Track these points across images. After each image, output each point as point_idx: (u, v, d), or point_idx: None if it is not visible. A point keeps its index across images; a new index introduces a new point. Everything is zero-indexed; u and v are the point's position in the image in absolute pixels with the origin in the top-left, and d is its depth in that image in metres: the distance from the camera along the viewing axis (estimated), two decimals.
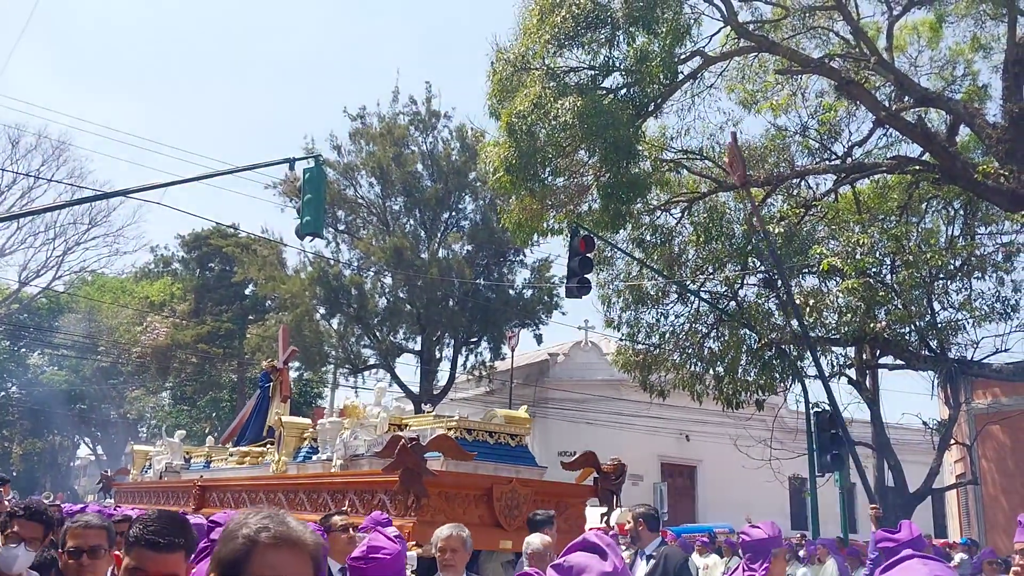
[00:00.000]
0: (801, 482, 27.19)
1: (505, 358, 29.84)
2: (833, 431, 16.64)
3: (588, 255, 16.10)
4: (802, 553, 14.63)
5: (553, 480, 9.23)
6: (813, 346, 16.18)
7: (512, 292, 31.23)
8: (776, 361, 17.91)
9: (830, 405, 16.08)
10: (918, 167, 17.13)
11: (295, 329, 26.98)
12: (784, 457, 19.40)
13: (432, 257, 30.01)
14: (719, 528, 20.24)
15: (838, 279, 16.33)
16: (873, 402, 18.90)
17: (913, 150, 17.88)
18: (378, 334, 30.84)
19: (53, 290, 43.64)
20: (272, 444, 11.83)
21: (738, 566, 5.07)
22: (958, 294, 17.76)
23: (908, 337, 17.28)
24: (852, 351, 18.80)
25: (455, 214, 31.68)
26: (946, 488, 20.90)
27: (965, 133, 17.58)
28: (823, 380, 16.41)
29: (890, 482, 17.90)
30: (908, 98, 16.61)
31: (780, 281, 14.42)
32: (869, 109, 16.86)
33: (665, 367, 19.42)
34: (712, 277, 18.81)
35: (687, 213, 18.80)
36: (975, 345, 17.66)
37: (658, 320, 19.27)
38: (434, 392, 31.06)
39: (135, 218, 49.44)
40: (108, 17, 77.95)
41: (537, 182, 15.76)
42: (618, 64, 15.85)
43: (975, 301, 17.32)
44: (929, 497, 19.10)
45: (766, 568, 4.74)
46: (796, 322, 15.91)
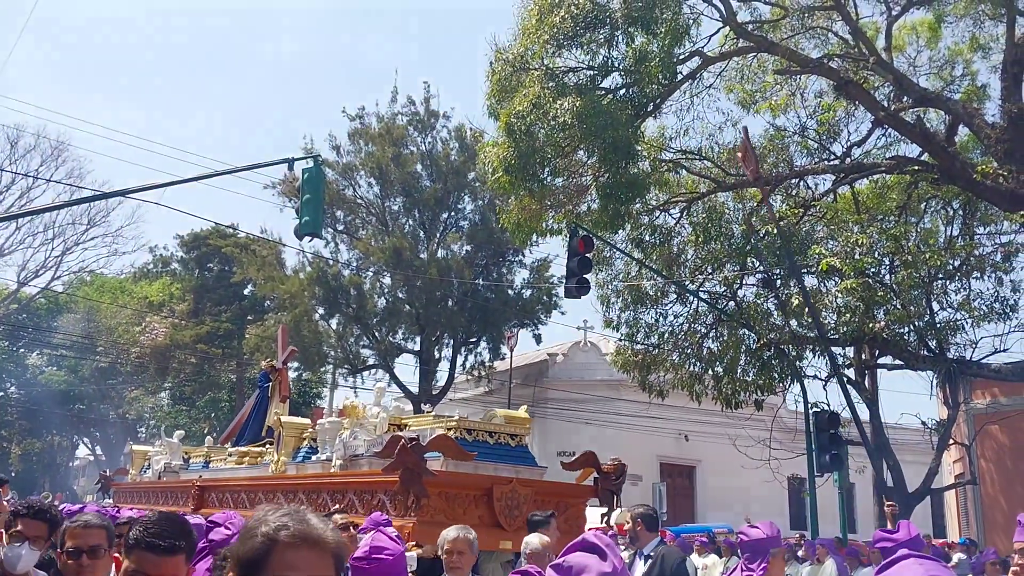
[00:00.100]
0: (800, 482, 27.19)
1: (504, 358, 29.82)
2: (833, 431, 16.64)
3: (587, 255, 16.08)
4: (800, 553, 14.63)
5: (553, 480, 9.23)
6: (827, 344, 16.08)
7: (511, 292, 31.22)
8: (775, 361, 17.91)
9: (848, 407, 15.85)
10: (917, 167, 17.13)
11: (294, 329, 26.97)
12: (783, 457, 19.40)
13: (431, 257, 30.00)
14: (718, 528, 20.24)
15: (837, 279, 16.32)
16: (872, 402, 18.91)
17: (912, 150, 17.90)
18: (377, 334, 30.83)
19: (52, 290, 43.59)
20: (271, 444, 11.83)
21: (737, 566, 5.08)
22: (957, 294, 17.77)
23: (907, 337, 17.28)
24: (851, 351, 18.80)
25: (454, 214, 31.67)
26: (945, 488, 20.91)
27: (964, 133, 17.58)
28: (840, 379, 16.36)
29: (889, 482, 17.90)
30: (907, 98, 16.62)
31: (792, 279, 14.29)
32: (868, 109, 16.86)
33: (664, 367, 19.42)
34: (711, 277, 18.81)
35: (686, 213, 18.80)
36: (974, 345, 17.68)
37: (657, 320, 19.29)
38: (433, 392, 31.04)
39: (134, 218, 49.40)
40: (107, 17, 77.97)
41: (536, 182, 15.75)
42: (617, 64, 15.84)
43: (974, 301, 17.33)
44: (928, 497, 19.11)
45: (764, 568, 4.75)
46: (812, 320, 15.81)
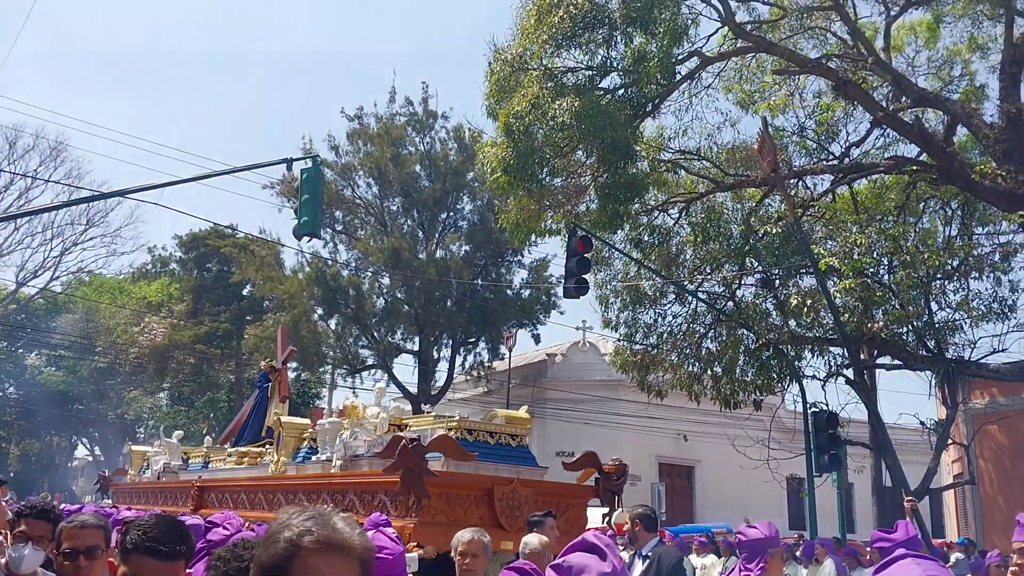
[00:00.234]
0: (799, 482, 27.20)
1: (503, 358, 29.83)
2: (831, 431, 16.64)
3: (586, 255, 16.09)
4: (798, 553, 14.64)
5: (554, 480, 9.23)
6: (852, 344, 15.94)
7: (510, 292, 31.23)
8: (773, 361, 17.92)
9: (869, 413, 15.65)
10: (915, 167, 17.13)
11: (292, 329, 26.96)
12: (782, 457, 19.39)
13: (430, 257, 30.00)
14: (717, 528, 20.24)
15: (836, 279, 16.33)
16: (870, 402, 18.91)
17: (911, 150, 17.89)
18: (376, 334, 30.84)
19: (51, 291, 43.57)
20: (271, 444, 11.83)
21: (735, 566, 5.08)
22: (955, 294, 17.75)
23: (906, 337, 17.29)
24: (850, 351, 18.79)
25: (453, 214, 31.68)
26: (944, 488, 20.91)
27: (962, 133, 17.58)
28: (858, 377, 16.25)
29: (887, 482, 17.90)
30: (906, 98, 16.62)
31: (811, 272, 14.12)
32: (867, 109, 16.86)
33: (663, 367, 19.42)
34: (710, 277, 18.81)
35: (685, 213, 18.80)
36: (972, 345, 17.65)
37: (656, 320, 19.28)
38: (432, 392, 31.05)
39: (132, 218, 49.17)
40: (105, 17, 77.92)
41: (535, 182, 15.75)
42: (616, 64, 15.85)
43: (972, 301, 17.30)
44: (927, 497, 19.11)
45: (762, 568, 4.76)
46: (832, 318, 15.72)
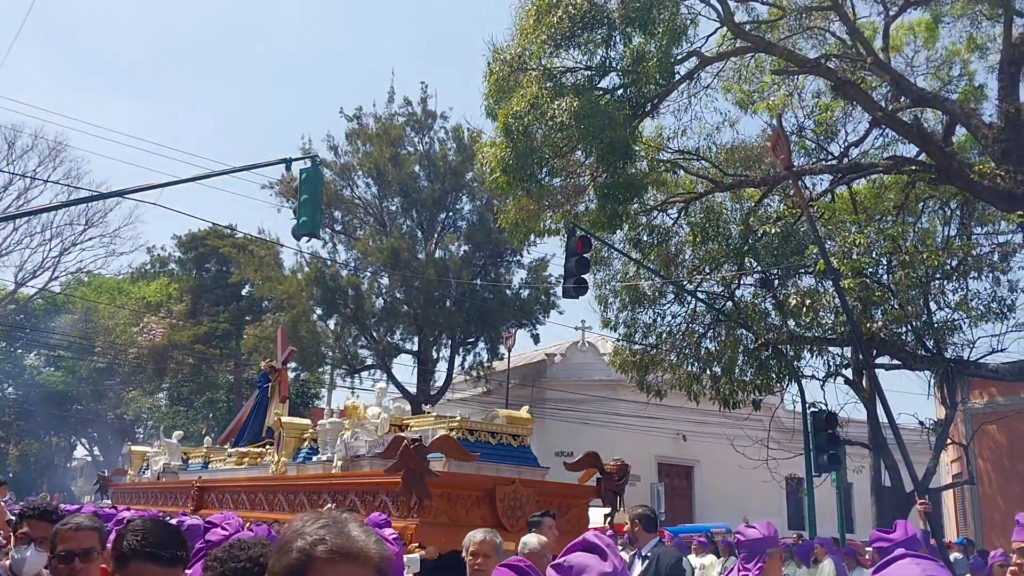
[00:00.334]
0: (798, 482, 27.21)
1: (502, 358, 29.83)
2: (830, 431, 16.63)
3: (585, 255, 16.09)
4: (795, 557, 14.61)
5: (555, 481, 9.22)
6: (865, 344, 15.78)
7: (509, 292, 31.23)
8: (773, 361, 17.92)
9: (885, 413, 15.24)
10: (914, 167, 17.13)
11: (291, 329, 26.95)
12: (781, 457, 19.40)
13: (429, 257, 30.00)
14: (716, 528, 20.24)
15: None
16: (869, 402, 18.92)
17: (909, 150, 17.89)
18: (375, 334, 30.83)
19: (49, 291, 43.56)
20: (271, 445, 11.84)
21: (734, 566, 5.09)
22: (954, 294, 17.74)
23: (905, 337, 17.30)
24: (848, 351, 18.81)
25: (452, 214, 31.68)
26: (943, 488, 20.92)
27: (961, 133, 17.58)
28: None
29: (886, 482, 17.91)
30: (904, 98, 16.63)
31: (831, 277, 14.04)
32: (865, 109, 16.86)
33: (662, 367, 19.42)
34: (709, 277, 18.81)
35: (684, 213, 18.80)
36: (971, 345, 17.65)
37: (655, 320, 19.28)
38: (431, 393, 31.06)
39: (131, 219, 49.15)
40: (105, 18, 77.93)
41: (534, 182, 15.74)
42: (615, 65, 15.84)
43: (971, 301, 17.30)
44: (926, 497, 19.10)
45: (760, 568, 4.76)
46: (845, 317, 15.63)
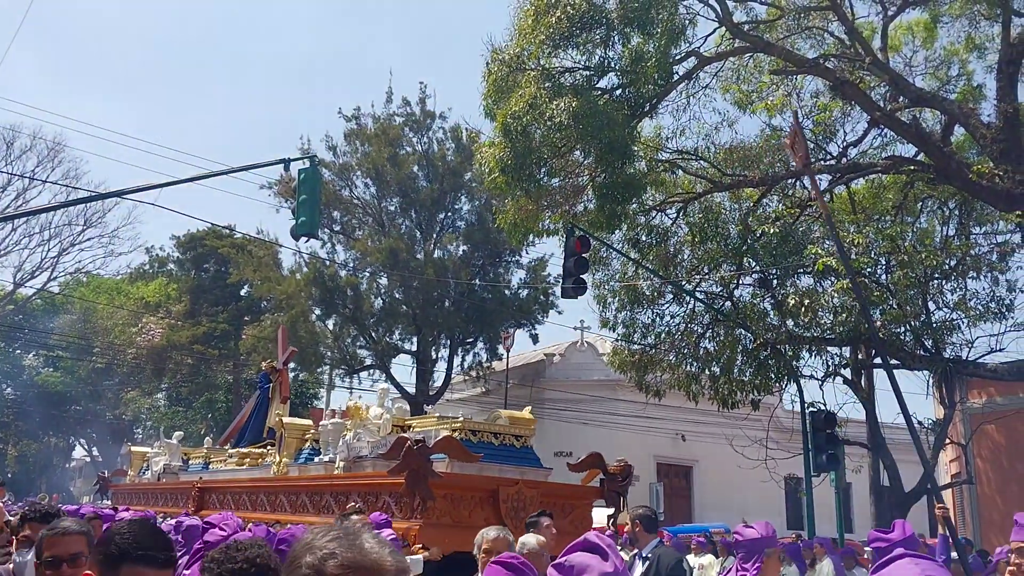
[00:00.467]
0: (797, 482, 27.21)
1: (501, 358, 29.82)
2: (829, 431, 16.64)
3: (584, 255, 16.08)
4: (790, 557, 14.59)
5: (558, 482, 9.22)
6: (880, 344, 15.59)
7: (508, 292, 31.22)
8: (771, 361, 17.91)
9: (902, 414, 14.97)
10: (913, 167, 17.14)
11: (290, 330, 26.95)
12: (780, 457, 19.40)
13: (428, 258, 29.99)
14: (715, 528, 20.23)
15: (833, 279, 16.34)
16: (868, 402, 18.94)
17: (908, 150, 17.90)
18: (374, 335, 30.82)
19: (48, 291, 43.56)
20: (272, 445, 11.83)
21: (733, 566, 5.10)
22: (953, 294, 17.75)
23: (903, 337, 17.30)
24: (847, 351, 18.82)
25: (451, 215, 31.67)
26: (941, 488, 20.88)
27: (960, 133, 17.59)
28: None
29: (885, 481, 17.91)
30: (903, 98, 16.64)
31: (848, 274, 13.92)
32: (864, 109, 16.87)
33: (661, 367, 19.41)
34: (707, 277, 18.81)
35: (682, 213, 18.80)
36: (970, 345, 17.66)
37: (654, 320, 19.27)
38: (430, 393, 31.06)
39: (130, 219, 49.35)
40: (103, 18, 77.88)
41: (532, 182, 15.74)
42: (613, 65, 15.84)
43: (970, 301, 17.31)
44: (924, 496, 19.13)
45: (758, 567, 4.76)
46: (861, 311, 15.45)
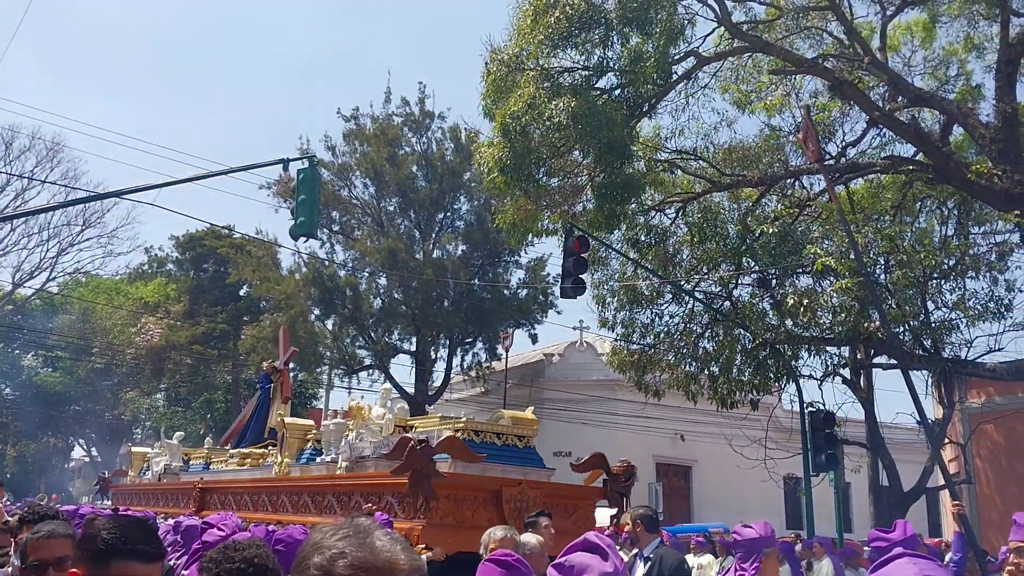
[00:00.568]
0: (796, 482, 27.21)
1: (501, 358, 29.82)
2: (828, 431, 16.66)
3: (583, 255, 16.08)
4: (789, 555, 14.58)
5: (562, 482, 9.22)
6: (893, 346, 15.48)
7: (507, 292, 31.22)
8: (770, 361, 17.91)
9: (919, 414, 14.65)
10: (912, 167, 17.14)
11: (289, 330, 26.94)
12: (779, 457, 19.41)
13: (427, 257, 29.99)
14: (714, 528, 20.24)
15: (832, 279, 16.34)
16: (867, 401, 18.94)
17: (907, 150, 17.90)
18: (373, 335, 30.82)
19: (47, 291, 43.54)
20: (273, 446, 11.82)
21: (731, 565, 5.10)
22: (952, 294, 17.74)
23: (902, 337, 17.30)
24: (846, 351, 18.82)
25: (450, 215, 31.68)
26: (940, 487, 20.89)
27: (958, 133, 17.59)
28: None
29: (884, 481, 17.92)
30: (902, 98, 16.64)
31: (859, 269, 13.86)
32: (863, 109, 16.86)
33: (660, 367, 19.41)
34: (706, 277, 18.81)
35: (681, 213, 18.80)
36: (969, 344, 17.65)
37: (653, 320, 19.26)
38: (429, 393, 31.05)
39: (129, 219, 49.20)
40: (103, 18, 77.84)
41: (531, 182, 15.74)
42: (612, 65, 15.84)
43: (969, 300, 17.30)
44: (923, 496, 19.14)
45: (756, 567, 4.77)
46: (876, 311, 15.35)
